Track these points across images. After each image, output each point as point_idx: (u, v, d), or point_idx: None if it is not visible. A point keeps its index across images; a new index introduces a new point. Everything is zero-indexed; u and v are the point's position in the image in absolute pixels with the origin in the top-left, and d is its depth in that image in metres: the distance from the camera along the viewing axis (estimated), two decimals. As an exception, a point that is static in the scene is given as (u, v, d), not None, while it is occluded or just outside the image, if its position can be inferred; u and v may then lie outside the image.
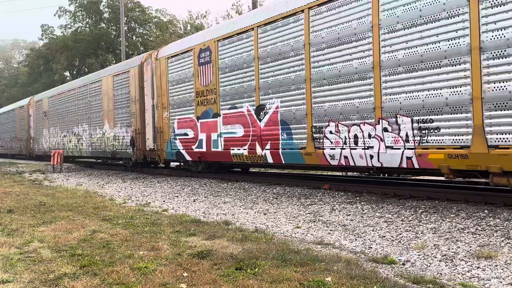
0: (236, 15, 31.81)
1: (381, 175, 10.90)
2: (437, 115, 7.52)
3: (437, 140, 7.54)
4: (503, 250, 5.10)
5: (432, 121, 7.60)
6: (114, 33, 50.38)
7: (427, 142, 7.69)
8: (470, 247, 5.30)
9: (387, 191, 9.05)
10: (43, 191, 12.01)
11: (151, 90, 16.00)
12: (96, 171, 20.07)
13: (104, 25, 51.88)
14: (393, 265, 4.75)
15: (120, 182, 14.70)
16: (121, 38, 32.03)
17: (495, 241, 5.45)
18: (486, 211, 6.84)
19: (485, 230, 5.92)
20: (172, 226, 6.79)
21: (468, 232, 5.91)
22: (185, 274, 4.42)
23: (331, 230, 6.56)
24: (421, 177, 10.89)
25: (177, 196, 10.75)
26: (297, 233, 6.47)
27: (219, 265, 4.70)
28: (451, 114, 7.35)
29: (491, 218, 6.43)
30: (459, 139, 7.25)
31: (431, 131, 7.62)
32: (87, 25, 52.21)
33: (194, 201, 9.90)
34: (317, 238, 6.11)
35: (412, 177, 11.14)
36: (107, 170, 20.12)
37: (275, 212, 8.06)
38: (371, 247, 5.56)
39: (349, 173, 12.52)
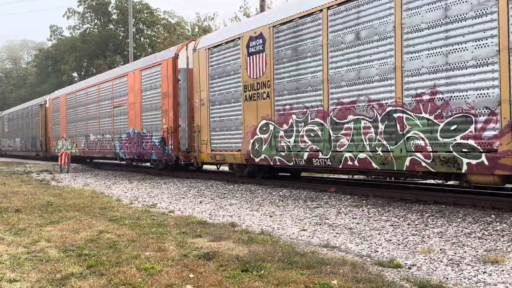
0: (244, 17, 31.74)
1: (387, 178, 10.87)
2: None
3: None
4: (510, 255, 5.08)
5: None
6: (122, 34, 50.65)
7: None
8: (477, 251, 5.29)
9: (393, 194, 9.03)
10: (50, 191, 12.09)
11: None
12: (103, 171, 20.18)
13: (112, 26, 52.15)
14: (399, 269, 4.74)
15: (127, 183, 14.77)
16: (129, 39, 32.22)
17: (502, 246, 5.43)
18: (493, 216, 6.81)
19: (491, 235, 5.90)
20: (178, 227, 6.82)
21: (474, 237, 5.89)
22: (191, 275, 4.44)
23: (337, 233, 6.56)
24: (428, 181, 10.85)
25: (183, 198, 10.78)
26: (303, 235, 6.47)
27: (225, 266, 4.72)
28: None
29: (498, 223, 6.40)
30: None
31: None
32: (96, 26, 52.53)
33: (200, 202, 9.92)
34: (323, 241, 6.11)
35: (418, 181, 11.11)
36: (114, 171, 20.24)
37: (281, 215, 8.07)
38: (377, 251, 5.56)
39: (356, 176, 12.50)
